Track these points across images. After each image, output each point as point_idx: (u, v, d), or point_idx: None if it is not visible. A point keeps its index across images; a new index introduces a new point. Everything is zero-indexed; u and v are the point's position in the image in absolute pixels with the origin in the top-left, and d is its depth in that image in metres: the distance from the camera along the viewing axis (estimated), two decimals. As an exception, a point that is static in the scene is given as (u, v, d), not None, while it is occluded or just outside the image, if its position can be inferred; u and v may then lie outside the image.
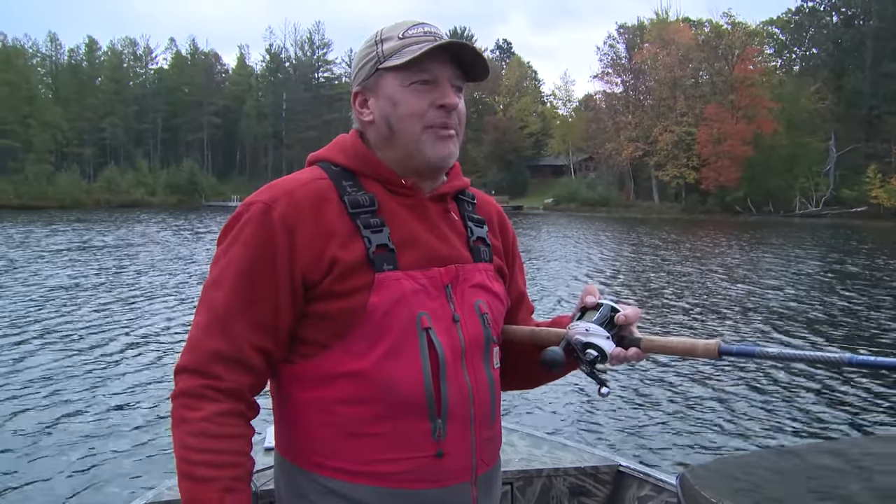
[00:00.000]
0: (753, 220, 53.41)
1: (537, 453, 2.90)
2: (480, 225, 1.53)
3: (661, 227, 43.57)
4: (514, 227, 1.65)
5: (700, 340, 1.37)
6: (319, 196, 1.35)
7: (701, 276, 18.82)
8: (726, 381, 8.44)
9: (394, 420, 1.32)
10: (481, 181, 79.69)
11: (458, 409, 1.36)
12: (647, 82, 70.02)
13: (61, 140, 77.05)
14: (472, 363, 1.40)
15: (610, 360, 1.38)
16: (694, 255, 24.90)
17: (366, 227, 1.34)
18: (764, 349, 1.34)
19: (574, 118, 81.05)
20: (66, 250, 24.50)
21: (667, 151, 63.00)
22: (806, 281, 18.03)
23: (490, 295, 1.47)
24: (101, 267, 19.72)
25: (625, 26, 75.11)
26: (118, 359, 9.33)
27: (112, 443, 6.35)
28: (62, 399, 7.56)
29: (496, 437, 1.49)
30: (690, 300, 14.76)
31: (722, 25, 65.69)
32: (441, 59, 1.37)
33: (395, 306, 1.32)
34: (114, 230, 35.27)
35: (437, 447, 1.34)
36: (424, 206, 1.43)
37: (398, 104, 1.38)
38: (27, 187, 67.35)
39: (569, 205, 67.18)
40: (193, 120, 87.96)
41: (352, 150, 1.43)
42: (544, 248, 27.77)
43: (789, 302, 14.48)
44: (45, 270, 18.61)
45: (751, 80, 62.26)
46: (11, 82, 73.23)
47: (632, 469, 2.78)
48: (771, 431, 6.81)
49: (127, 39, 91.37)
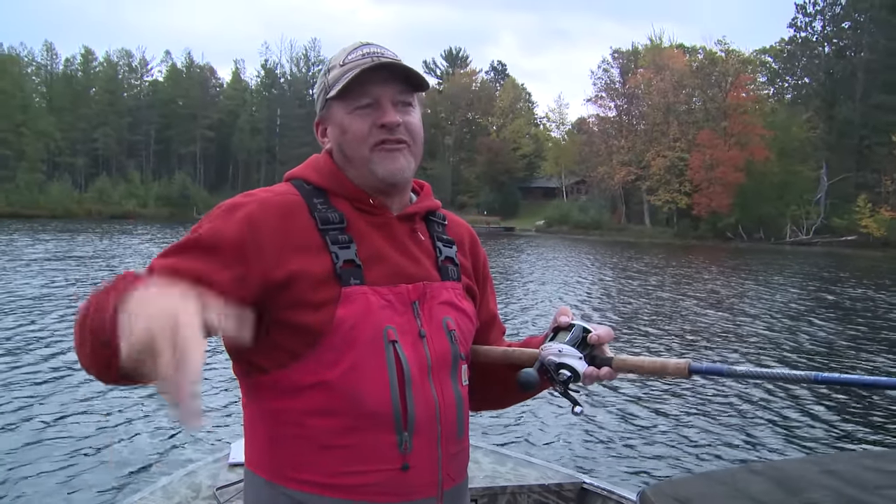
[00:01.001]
0: (744, 246, 53.55)
1: (502, 470, 2.94)
2: (450, 245, 1.56)
3: (651, 251, 43.72)
4: (505, 248, 1.62)
5: (671, 360, 1.42)
6: (289, 209, 1.40)
7: (680, 301, 18.82)
8: (691, 401, 8.59)
9: (361, 432, 1.34)
10: (474, 201, 79.82)
11: (425, 423, 1.38)
12: (641, 107, 70.26)
13: (54, 149, 76.92)
14: (438, 378, 1.42)
15: (583, 380, 1.41)
16: (677, 281, 24.91)
17: (334, 242, 1.38)
18: (732, 368, 1.39)
19: (567, 141, 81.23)
20: (45, 259, 24.36)
21: (659, 176, 63.13)
22: (781, 308, 18.01)
23: (458, 312, 1.49)
24: (74, 277, 19.54)
25: (619, 51, 75.58)
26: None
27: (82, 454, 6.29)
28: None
29: (463, 453, 1.50)
30: (665, 325, 14.73)
31: (716, 53, 66.04)
32: (380, 79, 1.43)
33: (362, 320, 1.35)
34: (96, 241, 35.06)
35: (403, 460, 1.36)
36: (392, 225, 1.47)
37: (346, 131, 1.45)
38: (18, 196, 67.03)
39: (561, 227, 67.18)
40: (187, 133, 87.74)
41: (325, 170, 1.48)
42: (534, 270, 27.73)
43: (761, 329, 14.48)
44: (17, 279, 18.47)
45: (743, 107, 62.61)
46: (6, 91, 73.04)
47: (595, 486, 2.82)
48: (731, 450, 6.98)
49: (123, 51, 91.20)
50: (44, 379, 8.78)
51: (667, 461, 6.64)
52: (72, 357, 9.83)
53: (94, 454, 6.28)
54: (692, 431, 7.52)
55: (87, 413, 7.43)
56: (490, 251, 36.71)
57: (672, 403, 8.50)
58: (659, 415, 8.07)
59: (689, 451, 6.91)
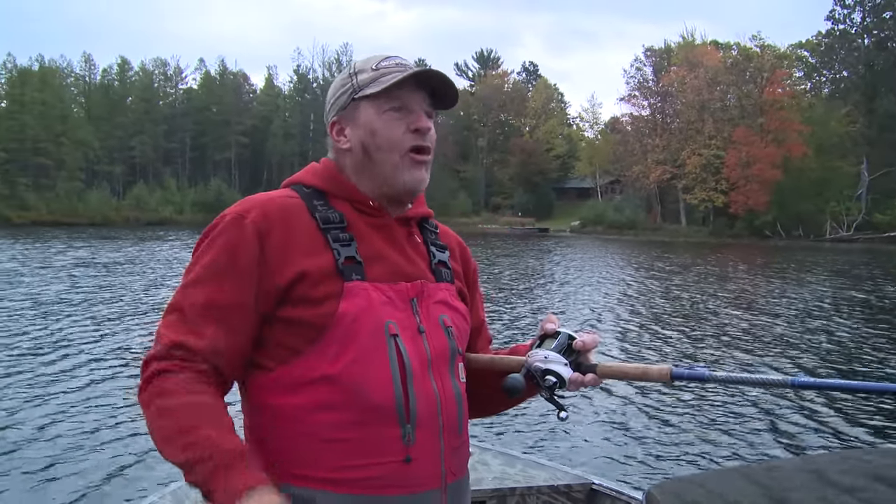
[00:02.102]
0: (783, 244, 52.88)
1: (511, 472, 2.94)
2: (443, 250, 1.61)
3: (684, 250, 43.27)
4: (532, 248, 1.58)
5: (653, 366, 1.45)
6: (290, 211, 1.44)
7: (702, 302, 18.56)
8: (700, 401, 8.64)
9: (364, 425, 1.36)
10: (508, 203, 79.57)
11: (427, 416, 1.40)
12: (675, 105, 69.58)
13: (92, 158, 78.07)
14: (438, 372, 1.45)
15: (568, 386, 1.45)
16: (703, 280, 24.60)
17: (335, 240, 1.42)
18: (713, 373, 1.41)
19: (601, 140, 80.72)
20: (74, 266, 24.81)
21: (695, 174, 62.54)
22: (808, 308, 17.58)
23: (453, 311, 1.54)
24: (112, 282, 19.82)
25: (651, 49, 74.93)
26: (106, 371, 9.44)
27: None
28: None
29: (464, 447, 1.53)
30: (683, 326, 14.56)
31: (751, 48, 65.19)
32: (412, 87, 1.48)
33: (364, 314, 1.38)
34: (126, 247, 35.55)
35: (406, 452, 1.37)
36: (390, 226, 1.51)
37: (376, 132, 1.47)
38: (58, 204, 68.31)
39: (595, 227, 66.76)
40: (221, 139, 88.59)
41: (324, 173, 1.53)
42: (556, 271, 27.64)
43: (783, 329, 14.15)
44: (48, 284, 18.88)
45: (780, 103, 61.71)
46: (46, 102, 74.50)
47: (605, 487, 2.81)
48: (740, 449, 7.01)
49: (158, 60, 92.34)
50: (54, 382, 8.90)
51: (677, 461, 6.68)
52: (80, 359, 10.25)
53: (105, 458, 6.33)
54: (701, 431, 7.56)
55: (96, 417, 7.50)
56: (518, 252, 37.22)
57: (681, 403, 8.55)
58: (666, 415, 8.11)
59: (698, 451, 6.95)
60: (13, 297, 16.49)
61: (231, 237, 1.39)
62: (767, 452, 6.97)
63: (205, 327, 1.35)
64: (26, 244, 36.15)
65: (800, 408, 8.49)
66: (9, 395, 8.20)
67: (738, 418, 8.06)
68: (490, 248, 40.66)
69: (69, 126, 76.17)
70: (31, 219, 63.08)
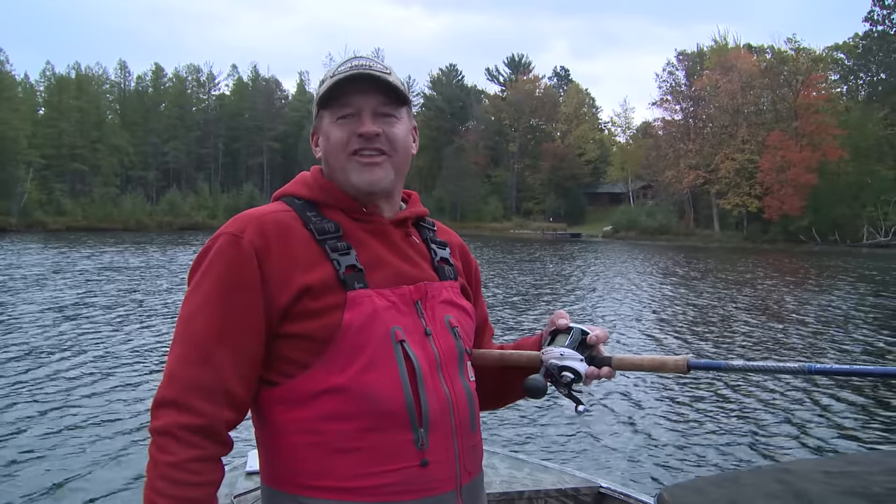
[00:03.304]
0: (818, 249, 51.97)
1: (518, 475, 2.94)
2: (443, 247, 1.61)
3: (725, 256, 42.81)
4: (572, 253, 1.47)
5: (669, 357, 1.47)
6: (285, 225, 1.43)
7: (725, 306, 18.24)
8: (708, 403, 8.67)
9: (377, 432, 1.36)
10: (539, 208, 79.29)
11: (440, 418, 1.40)
12: (708, 109, 68.86)
13: (127, 164, 79.21)
14: (448, 374, 1.45)
15: (584, 381, 1.48)
16: (732, 285, 24.15)
17: (333, 250, 1.42)
18: (729, 363, 1.44)
19: (632, 145, 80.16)
20: (104, 270, 25.14)
21: (728, 179, 61.82)
22: (837, 315, 17.05)
23: (458, 310, 1.54)
24: (138, 287, 20.05)
25: (684, 53, 74.27)
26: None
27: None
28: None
29: (478, 446, 1.53)
30: (704, 331, 14.29)
31: (786, 51, 64.33)
32: (362, 91, 1.48)
33: (369, 322, 1.38)
34: (152, 252, 35.91)
35: (422, 456, 1.38)
36: (386, 230, 1.51)
37: (329, 138, 1.50)
38: (94, 209, 69.34)
39: (628, 233, 66.30)
40: (253, 144, 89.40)
41: (314, 183, 1.52)
42: (583, 276, 27.44)
43: (805, 336, 13.80)
44: (60, 289, 19.18)
45: (815, 106, 60.72)
46: (82, 109, 75.83)
47: (612, 490, 2.81)
48: (750, 451, 7.02)
49: (191, 66, 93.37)
50: (62, 384, 8.99)
51: (685, 464, 6.67)
52: (88, 359, 10.45)
53: (114, 459, 6.37)
54: (710, 433, 7.57)
55: (103, 420, 7.54)
56: (547, 257, 36.97)
57: (688, 406, 8.54)
58: (675, 417, 8.11)
59: (707, 454, 6.95)
60: (27, 301, 16.81)
61: (229, 260, 1.37)
62: (782, 454, 6.95)
63: (212, 359, 1.33)
64: (56, 248, 36.79)
65: (815, 408, 8.46)
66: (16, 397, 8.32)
67: (751, 420, 8.03)
68: (524, 252, 40.66)
69: (104, 132, 77.51)
70: (67, 224, 64.10)
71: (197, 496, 1.29)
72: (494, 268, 29.66)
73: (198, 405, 1.30)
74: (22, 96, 76.52)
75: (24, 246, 38.75)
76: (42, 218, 63.84)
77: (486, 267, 29.40)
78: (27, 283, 20.61)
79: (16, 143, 64.88)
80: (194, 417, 1.30)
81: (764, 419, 8.04)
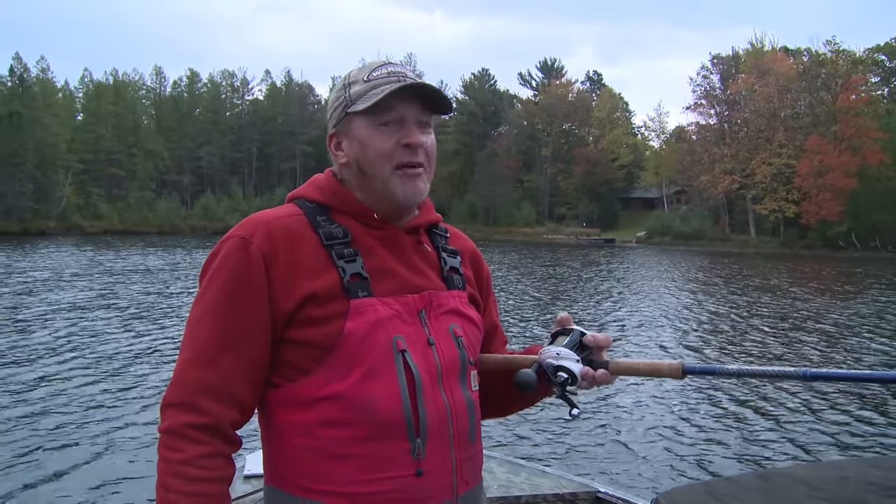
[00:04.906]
0: (858, 255, 51.12)
1: (516, 480, 2.94)
2: (454, 256, 1.59)
3: (762, 262, 42.27)
4: (606, 260, 1.48)
5: (664, 361, 1.45)
6: (294, 230, 1.42)
7: (748, 317, 17.80)
8: (705, 407, 8.71)
9: (374, 441, 1.36)
10: (572, 213, 78.94)
11: (437, 429, 1.40)
12: (743, 113, 68.13)
13: (162, 168, 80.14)
14: (448, 384, 1.44)
15: (580, 383, 1.44)
16: (761, 292, 23.71)
17: (339, 257, 1.41)
18: (724, 367, 1.42)
19: (666, 150, 79.54)
20: (133, 272, 25.51)
21: (765, 184, 61.12)
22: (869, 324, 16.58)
23: (464, 319, 1.52)
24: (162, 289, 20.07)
25: (718, 56, 73.59)
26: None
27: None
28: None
29: (477, 456, 1.52)
30: (725, 341, 13.96)
31: (824, 54, 63.45)
32: (405, 99, 1.45)
33: (372, 331, 1.38)
34: (176, 255, 36.19)
35: (417, 466, 1.38)
36: (396, 238, 1.49)
37: (366, 146, 1.45)
38: (129, 213, 70.26)
39: (662, 238, 65.72)
40: (286, 149, 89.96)
41: (327, 188, 1.51)
42: (606, 282, 27.14)
43: (824, 349, 13.32)
44: (77, 290, 19.37)
45: (855, 109, 59.77)
46: (119, 114, 77.03)
47: (609, 495, 2.81)
48: (745, 456, 7.06)
49: (225, 72, 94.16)
50: (66, 385, 9.11)
51: (682, 468, 6.69)
52: (92, 357, 10.68)
53: (115, 461, 6.45)
54: (707, 438, 7.59)
55: (106, 422, 7.62)
56: (579, 262, 36.86)
57: (685, 411, 8.56)
58: (672, 422, 8.12)
59: (704, 459, 6.97)
60: (47, 302, 17.20)
61: (236, 265, 1.37)
62: (778, 460, 6.97)
63: (218, 364, 1.35)
64: (91, 251, 37.46)
65: (812, 413, 8.46)
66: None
67: (748, 425, 8.06)
68: (560, 258, 40.44)
69: (140, 137, 78.57)
70: (103, 228, 65.06)
71: (210, 491, 1.31)
72: (515, 271, 29.45)
73: (204, 405, 1.32)
74: (62, 102, 77.87)
75: (58, 249, 39.65)
76: (80, 222, 64.85)
77: (508, 271, 29.17)
78: (60, 283, 21.08)
79: (56, 148, 66.07)
80: (201, 416, 1.32)
81: (761, 425, 8.08)
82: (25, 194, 60.56)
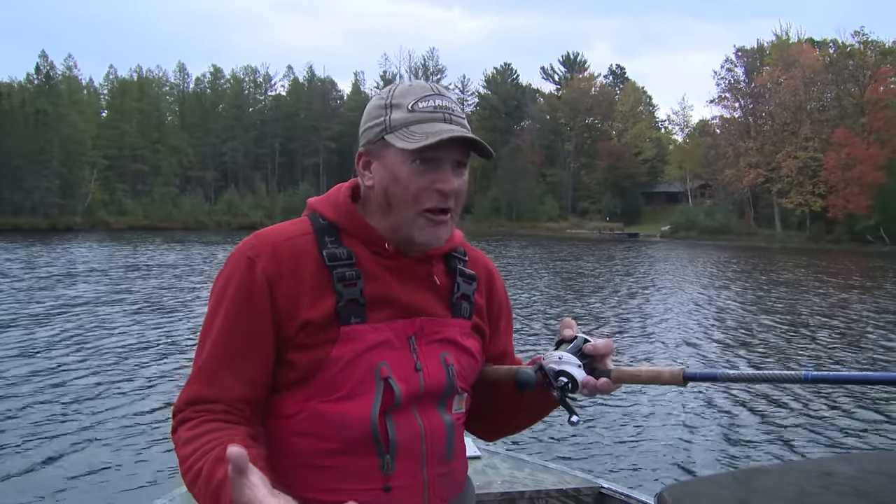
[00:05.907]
0: (887, 250, 50.32)
1: (519, 475, 2.97)
2: (470, 282, 1.56)
3: (780, 256, 41.99)
4: (630, 254, 1.48)
5: (665, 368, 1.45)
6: (300, 251, 1.42)
7: (761, 314, 17.59)
8: (709, 403, 8.73)
9: (345, 455, 1.39)
10: (595, 207, 78.59)
11: (408, 447, 1.41)
12: (768, 106, 67.37)
13: (186, 164, 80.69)
14: (425, 407, 1.44)
15: (581, 389, 1.44)
16: (785, 288, 23.42)
17: (339, 279, 1.40)
18: (726, 372, 1.41)
19: (690, 144, 78.89)
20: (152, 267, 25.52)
21: (791, 178, 60.43)
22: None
23: (458, 350, 1.50)
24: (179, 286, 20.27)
25: (743, 49, 72.84)
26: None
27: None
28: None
29: (453, 473, 1.51)
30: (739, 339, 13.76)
31: (852, 45, 62.53)
32: (448, 142, 1.40)
33: (356, 358, 1.38)
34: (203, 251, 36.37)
35: (385, 481, 1.40)
36: (403, 266, 1.46)
37: (398, 180, 1.40)
38: (154, 209, 70.80)
39: (688, 232, 65.27)
40: (309, 144, 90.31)
41: (342, 208, 1.48)
42: (622, 280, 26.91)
43: (841, 347, 13.11)
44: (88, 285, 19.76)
45: (884, 101, 58.86)
46: (143, 111, 77.66)
47: (613, 490, 2.82)
48: (750, 451, 7.08)
49: (248, 68, 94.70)
50: (69, 386, 9.10)
51: (685, 464, 6.71)
52: (95, 355, 10.75)
53: (116, 462, 6.46)
54: (711, 433, 7.62)
55: (108, 421, 7.64)
56: (605, 256, 36.68)
57: (689, 406, 8.59)
58: (676, 418, 8.15)
59: (708, 454, 7.01)
60: (65, 296, 17.58)
61: (241, 287, 1.39)
62: (782, 454, 6.98)
63: (220, 380, 1.37)
64: (117, 247, 37.69)
65: (816, 410, 8.50)
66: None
67: (752, 420, 8.12)
68: (584, 252, 40.27)
69: (164, 133, 79.20)
70: (128, 223, 65.59)
71: (203, 441, 1.30)
72: (539, 266, 29.27)
73: (208, 408, 1.36)
74: (87, 99, 78.61)
75: (81, 244, 40.09)
76: (105, 217, 65.46)
77: (529, 265, 29.02)
78: (99, 276, 21.43)
79: (81, 144, 66.73)
80: (198, 412, 1.36)
81: (765, 419, 8.12)
82: (52, 190, 61.18)
